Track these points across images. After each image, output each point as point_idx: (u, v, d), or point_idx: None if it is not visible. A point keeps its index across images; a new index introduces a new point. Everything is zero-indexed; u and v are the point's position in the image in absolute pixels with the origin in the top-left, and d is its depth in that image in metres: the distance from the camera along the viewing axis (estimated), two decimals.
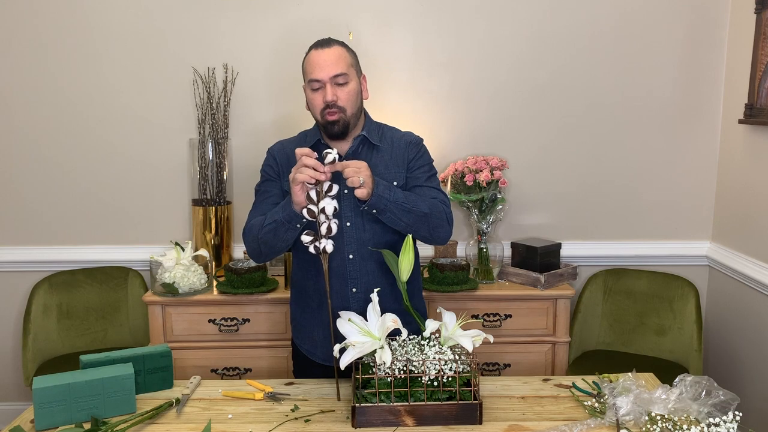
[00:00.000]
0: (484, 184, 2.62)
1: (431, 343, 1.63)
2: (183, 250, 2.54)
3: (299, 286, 1.98)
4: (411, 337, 1.68)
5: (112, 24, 2.74)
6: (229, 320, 2.51)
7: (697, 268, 2.92)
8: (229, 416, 1.62)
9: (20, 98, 2.78)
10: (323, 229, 1.64)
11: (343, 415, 1.62)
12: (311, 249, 1.65)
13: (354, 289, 1.87)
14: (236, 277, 2.49)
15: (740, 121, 2.61)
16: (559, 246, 2.74)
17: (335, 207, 1.64)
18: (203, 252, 2.59)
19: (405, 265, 1.70)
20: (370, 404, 1.54)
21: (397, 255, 1.72)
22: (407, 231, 1.77)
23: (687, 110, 2.83)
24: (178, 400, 1.68)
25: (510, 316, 2.57)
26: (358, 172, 1.66)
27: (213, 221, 2.75)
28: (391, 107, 2.75)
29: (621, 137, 2.85)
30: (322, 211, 1.63)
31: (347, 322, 1.60)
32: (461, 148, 2.84)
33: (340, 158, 1.85)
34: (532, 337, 2.59)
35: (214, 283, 2.60)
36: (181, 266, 2.51)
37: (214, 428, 1.56)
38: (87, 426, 1.53)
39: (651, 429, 1.48)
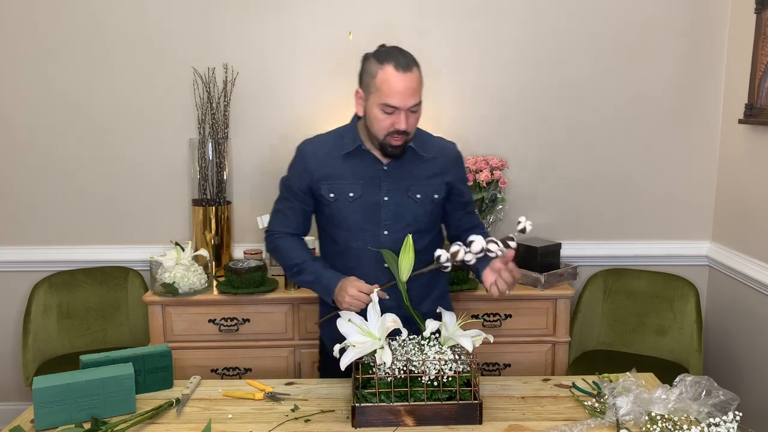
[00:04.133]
0: (484, 184, 2.62)
1: (431, 343, 1.63)
2: (183, 250, 2.54)
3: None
4: (411, 337, 1.68)
5: (112, 24, 2.74)
6: (229, 320, 2.51)
7: (697, 268, 2.92)
8: (229, 416, 1.62)
9: (20, 98, 2.78)
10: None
11: (343, 415, 1.62)
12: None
13: (386, 265, 1.82)
14: (236, 277, 2.49)
15: (740, 121, 2.61)
16: (559, 246, 2.73)
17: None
18: (203, 252, 2.59)
19: (405, 265, 1.70)
20: (370, 404, 1.54)
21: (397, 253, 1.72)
22: None
23: (687, 110, 2.83)
24: (178, 400, 1.68)
25: (510, 316, 2.57)
26: (511, 286, 1.74)
27: (213, 221, 2.75)
28: None
29: (621, 137, 2.85)
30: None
31: (347, 322, 1.60)
32: (461, 148, 2.81)
33: (380, 165, 1.83)
34: (532, 337, 2.59)
35: (214, 283, 2.60)
36: (181, 266, 2.51)
37: (214, 428, 1.56)
38: (87, 426, 1.53)
39: (651, 429, 1.48)
